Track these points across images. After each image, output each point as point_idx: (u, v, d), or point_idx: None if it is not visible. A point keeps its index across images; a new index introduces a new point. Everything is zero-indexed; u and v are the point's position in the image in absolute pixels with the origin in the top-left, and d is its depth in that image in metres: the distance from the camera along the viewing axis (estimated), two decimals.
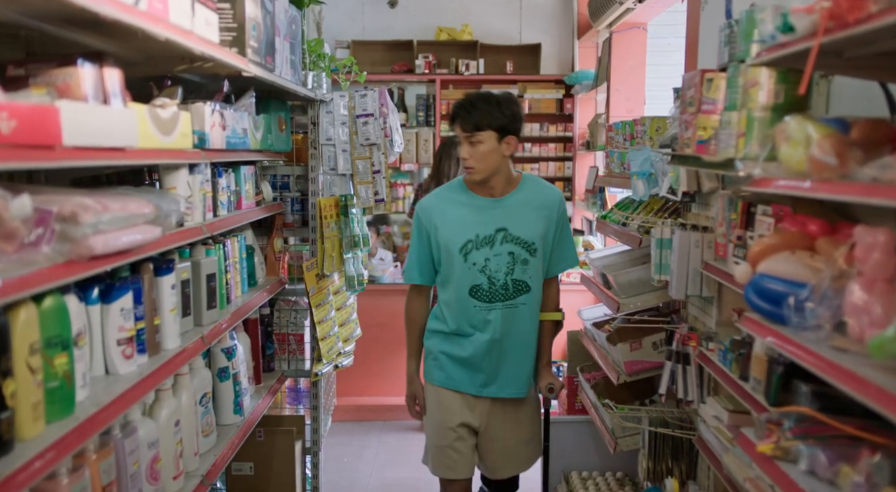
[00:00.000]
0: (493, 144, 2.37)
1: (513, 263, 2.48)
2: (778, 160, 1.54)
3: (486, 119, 2.35)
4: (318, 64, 2.99)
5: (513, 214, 2.48)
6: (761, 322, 1.63)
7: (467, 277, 2.45)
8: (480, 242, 2.45)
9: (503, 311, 2.50)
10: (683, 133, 2.18)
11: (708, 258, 2.32)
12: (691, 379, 2.42)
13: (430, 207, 2.50)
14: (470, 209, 2.46)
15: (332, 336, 2.89)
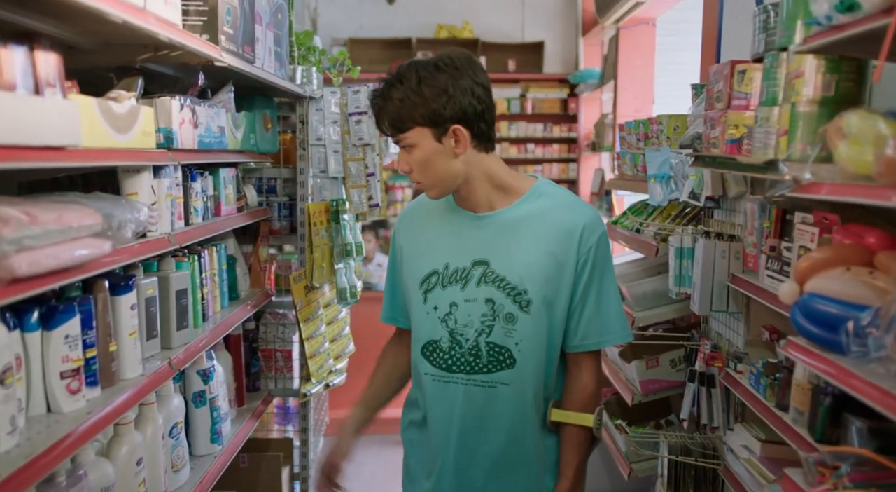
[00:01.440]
0: (429, 144, 1.54)
1: (491, 317, 1.61)
2: (833, 162, 1.32)
3: (407, 111, 1.52)
4: (307, 58, 2.76)
5: (501, 239, 1.62)
6: (812, 349, 1.40)
7: (423, 327, 1.65)
8: (449, 277, 1.62)
9: (467, 389, 1.62)
10: (709, 132, 1.96)
11: (735, 270, 2.10)
12: (717, 404, 2.19)
13: (403, 219, 1.77)
14: (446, 227, 1.66)
15: (323, 353, 2.66)
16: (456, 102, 1.52)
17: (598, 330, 1.68)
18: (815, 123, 1.48)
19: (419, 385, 1.70)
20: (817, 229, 1.63)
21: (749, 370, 1.96)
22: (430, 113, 1.52)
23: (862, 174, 1.24)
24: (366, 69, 4.24)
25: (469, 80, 1.55)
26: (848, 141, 1.28)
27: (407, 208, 1.78)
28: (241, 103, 2.44)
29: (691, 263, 2.31)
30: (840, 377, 1.28)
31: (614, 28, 5.05)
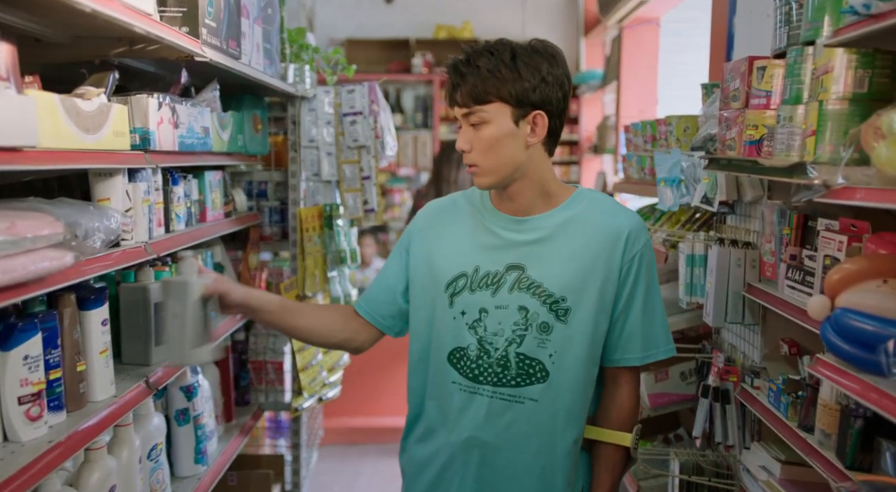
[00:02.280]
0: (505, 123, 1.42)
1: (523, 325, 1.49)
2: (868, 164, 1.20)
3: (493, 83, 1.40)
4: (300, 56, 2.64)
5: (539, 244, 1.50)
6: (845, 369, 1.28)
7: (449, 333, 1.52)
8: (479, 281, 1.51)
9: (491, 401, 1.50)
10: (725, 133, 1.84)
11: (751, 279, 1.98)
12: (732, 421, 2.07)
13: (427, 216, 1.62)
14: (476, 228, 1.55)
15: (315, 365, 2.54)
16: (547, 89, 1.43)
17: (643, 344, 1.56)
18: (846, 123, 1.37)
19: (440, 397, 1.55)
20: (845, 238, 1.50)
21: (768, 386, 1.84)
22: (520, 91, 1.41)
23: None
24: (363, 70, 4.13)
25: (562, 72, 1.46)
26: (888, 141, 1.16)
27: (432, 205, 1.65)
28: (229, 103, 2.32)
29: (703, 271, 2.19)
30: (880, 402, 1.16)
31: (617, 28, 4.94)
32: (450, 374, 1.53)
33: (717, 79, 2.83)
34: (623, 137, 4.18)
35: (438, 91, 6.14)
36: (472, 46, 1.46)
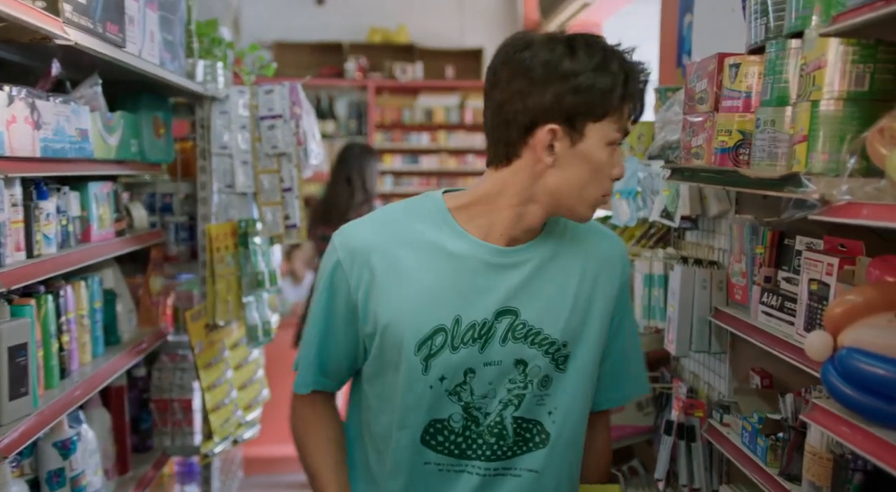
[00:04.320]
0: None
1: (522, 384, 1.23)
2: (872, 175, 0.99)
3: None
4: (212, 51, 2.33)
5: (533, 281, 1.23)
6: (852, 422, 1.06)
7: (423, 405, 1.22)
8: (463, 336, 1.20)
9: (483, 480, 1.24)
10: (690, 140, 1.62)
11: (719, 303, 1.77)
12: (698, 461, 1.85)
13: (369, 248, 1.21)
14: (448, 263, 1.21)
15: (229, 404, 2.22)
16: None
17: (629, 382, 1.40)
18: (843, 127, 1.16)
19: (410, 479, 1.24)
20: (836, 260, 1.30)
21: (740, 425, 1.63)
22: None
23: None
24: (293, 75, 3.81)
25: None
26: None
27: (366, 232, 1.23)
28: (124, 103, 2.00)
29: (662, 292, 1.99)
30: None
31: None
32: (424, 454, 1.24)
33: (669, 82, 2.67)
34: None
35: (373, 97, 5.88)
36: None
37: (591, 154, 1.15)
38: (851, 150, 1.08)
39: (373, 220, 1.27)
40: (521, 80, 1.14)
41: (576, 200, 1.19)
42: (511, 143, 1.17)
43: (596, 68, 1.13)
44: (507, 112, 1.16)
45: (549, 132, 1.14)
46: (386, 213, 1.28)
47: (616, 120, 1.16)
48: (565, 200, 1.19)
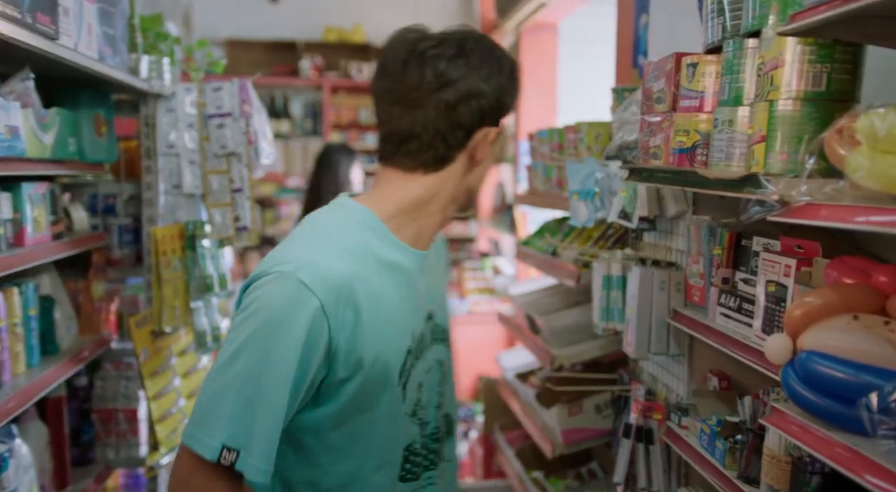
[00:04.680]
0: None
1: (441, 381, 1.24)
2: (846, 177, 0.98)
3: None
4: (157, 47, 2.24)
5: (433, 281, 1.26)
6: (811, 427, 1.05)
7: (402, 434, 1.17)
8: (417, 350, 1.18)
9: (435, 489, 1.23)
10: (648, 140, 1.61)
11: (677, 305, 1.76)
12: (656, 463, 1.84)
13: (351, 280, 1.06)
14: (404, 279, 1.16)
15: (176, 413, 2.13)
16: None
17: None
18: (800, 126, 1.15)
19: None
20: (794, 261, 1.29)
21: (699, 427, 1.62)
22: None
23: (892, 194, 0.90)
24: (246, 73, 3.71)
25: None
26: (866, 148, 0.94)
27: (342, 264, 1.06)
28: (62, 100, 1.90)
29: (620, 293, 1.97)
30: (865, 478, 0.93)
31: (514, 34, 4.77)
32: (398, 489, 1.17)
33: (625, 83, 2.67)
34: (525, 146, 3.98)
35: (329, 96, 5.79)
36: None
37: (494, 149, 1.20)
38: (810, 150, 1.06)
39: (328, 245, 1.08)
40: (474, 83, 1.12)
41: (478, 193, 1.25)
42: (453, 146, 1.14)
43: (513, 74, 1.19)
44: (460, 113, 1.12)
45: (490, 131, 1.15)
46: (330, 233, 1.11)
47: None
48: (473, 195, 1.23)
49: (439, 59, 1.12)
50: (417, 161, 1.14)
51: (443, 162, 1.14)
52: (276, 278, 1.03)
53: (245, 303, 1.05)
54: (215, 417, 1.00)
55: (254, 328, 1.02)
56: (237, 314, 1.06)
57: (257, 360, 1.01)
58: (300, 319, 1.01)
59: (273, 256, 1.08)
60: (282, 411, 1.02)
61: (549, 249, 2.48)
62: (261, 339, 1.01)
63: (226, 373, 1.01)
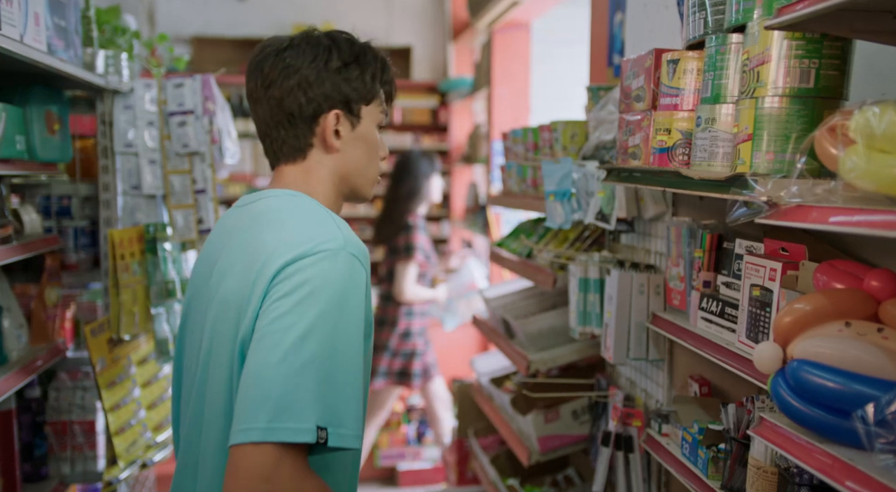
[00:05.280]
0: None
1: None
2: (838, 177, 0.93)
3: None
4: (114, 41, 2.14)
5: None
6: (806, 439, 1.00)
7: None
8: None
9: None
10: (627, 139, 1.56)
11: (656, 308, 1.72)
12: (636, 472, 1.79)
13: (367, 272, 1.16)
14: None
15: (136, 426, 2.03)
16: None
17: None
18: (788, 124, 1.11)
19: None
20: (779, 265, 1.25)
21: (680, 435, 1.57)
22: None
23: (889, 196, 0.86)
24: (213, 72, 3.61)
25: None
26: (861, 147, 0.89)
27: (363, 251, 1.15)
28: (12, 96, 1.80)
29: (598, 297, 1.92)
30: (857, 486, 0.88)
31: (486, 33, 4.71)
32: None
33: (600, 82, 2.62)
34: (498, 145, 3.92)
35: None
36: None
37: (367, 135, 1.26)
38: (801, 150, 1.02)
39: (337, 223, 1.16)
40: (297, 76, 1.20)
41: (363, 180, 1.28)
42: (300, 135, 1.22)
43: (360, 58, 1.24)
44: (289, 106, 1.20)
45: (334, 116, 1.21)
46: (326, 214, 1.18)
47: (379, 103, 1.28)
48: (355, 181, 1.27)
49: (266, 60, 1.21)
50: (281, 155, 1.24)
51: (298, 152, 1.23)
52: (329, 256, 1.08)
53: (293, 284, 1.05)
54: (300, 401, 1.00)
55: (321, 307, 1.04)
56: (283, 298, 1.05)
57: (331, 336, 1.04)
58: (359, 291, 1.09)
59: (302, 237, 1.10)
60: (360, 376, 1.08)
61: (523, 251, 2.43)
62: (330, 316, 1.04)
63: (297, 355, 1.01)
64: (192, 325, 1.24)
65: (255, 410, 0.99)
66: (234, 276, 1.13)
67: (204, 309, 1.19)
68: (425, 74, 5.99)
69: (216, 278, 1.17)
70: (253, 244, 1.13)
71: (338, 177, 1.25)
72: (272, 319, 1.03)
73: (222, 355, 1.12)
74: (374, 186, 1.31)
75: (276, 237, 1.11)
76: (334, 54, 1.22)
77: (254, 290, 1.08)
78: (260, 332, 1.04)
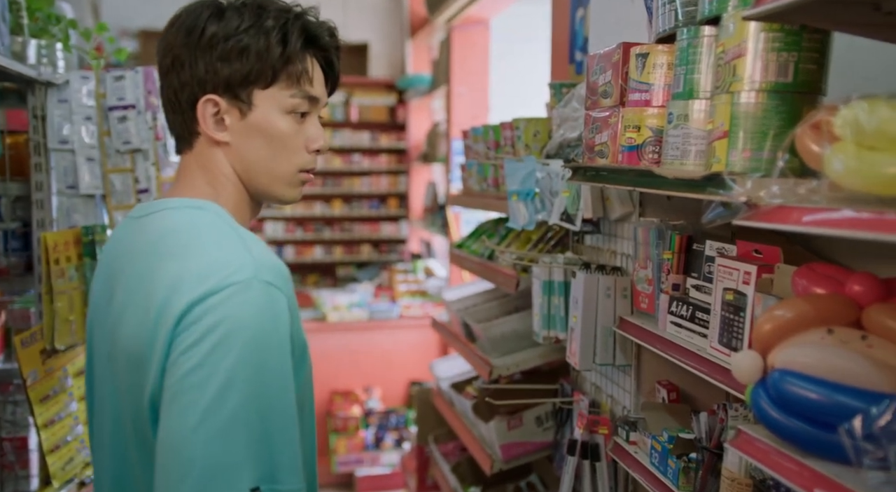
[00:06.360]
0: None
1: None
2: (822, 176, 0.87)
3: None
4: (47, 30, 1.99)
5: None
6: (787, 453, 0.94)
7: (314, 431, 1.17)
8: None
9: None
10: (593, 136, 1.49)
11: (623, 312, 1.66)
12: (602, 482, 1.73)
13: (290, 290, 1.01)
14: None
15: (73, 442, 1.90)
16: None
17: None
18: (765, 121, 1.05)
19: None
20: (754, 268, 1.20)
21: (649, 443, 1.52)
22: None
23: (879, 196, 0.80)
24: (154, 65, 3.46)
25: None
26: (847, 145, 0.84)
27: (280, 268, 0.99)
28: None
29: (562, 300, 1.86)
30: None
31: (445, 30, 4.64)
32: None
33: (561, 78, 2.57)
34: (458, 144, 3.85)
35: None
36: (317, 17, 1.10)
37: (267, 124, 1.05)
38: (782, 147, 0.96)
39: (245, 241, 0.99)
40: (171, 56, 1.03)
41: (268, 179, 1.08)
42: (185, 123, 1.06)
43: (248, 29, 1.02)
44: (166, 90, 1.06)
45: (208, 104, 1.03)
46: (226, 234, 1.00)
47: (289, 85, 1.05)
48: (257, 180, 1.08)
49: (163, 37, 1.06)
50: (177, 144, 1.10)
51: (185, 143, 1.08)
52: (240, 289, 0.91)
53: (202, 329, 0.89)
54: (229, 466, 0.87)
55: (238, 352, 0.89)
56: (192, 347, 0.89)
57: (254, 384, 0.89)
58: (281, 323, 0.94)
59: (206, 269, 0.93)
60: (294, 418, 0.94)
61: (485, 252, 2.36)
62: (250, 361, 0.89)
63: (218, 413, 0.87)
64: (98, 360, 1.08)
65: (178, 485, 0.85)
66: (130, 319, 0.96)
67: (107, 345, 1.02)
68: (383, 71, 5.89)
69: (115, 314, 1.00)
70: (149, 278, 0.96)
71: (238, 174, 1.07)
72: (183, 375, 0.88)
73: (130, 414, 0.97)
74: (289, 185, 1.10)
75: (176, 270, 0.93)
76: (211, 27, 1.01)
77: (155, 339, 0.91)
78: (170, 391, 0.88)
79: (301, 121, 1.08)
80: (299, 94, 1.06)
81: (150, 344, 0.91)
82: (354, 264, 6.12)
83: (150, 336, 0.92)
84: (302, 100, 1.06)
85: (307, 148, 1.09)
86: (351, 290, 4.96)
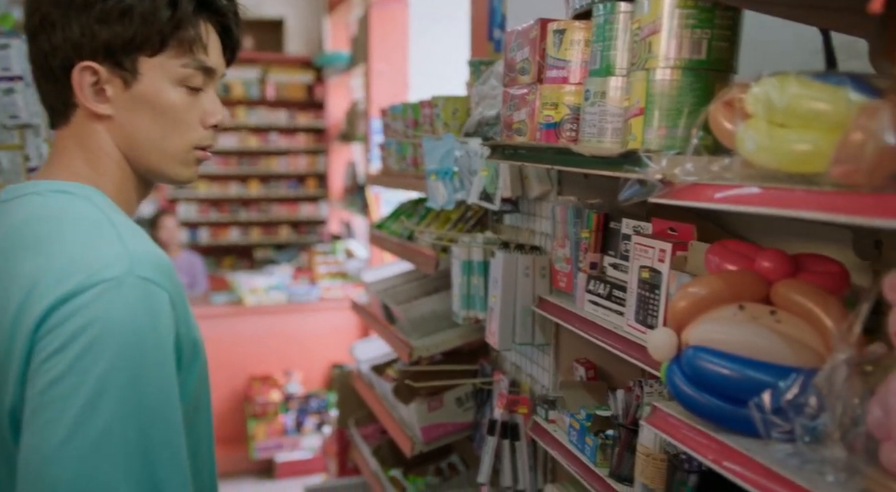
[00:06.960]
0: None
1: None
2: (734, 154, 0.87)
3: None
4: None
5: None
6: (701, 429, 0.95)
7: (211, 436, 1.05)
8: None
9: None
10: (511, 114, 1.47)
11: (542, 291, 1.66)
12: (522, 460, 1.74)
13: (176, 287, 0.90)
14: None
15: None
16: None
17: None
18: (679, 98, 1.05)
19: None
20: (669, 245, 1.21)
21: (567, 422, 1.52)
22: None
23: (789, 173, 0.81)
24: None
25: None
26: (757, 121, 0.84)
27: (163, 259, 0.89)
28: None
29: (482, 280, 1.84)
30: (755, 479, 0.84)
31: (363, 6, 4.54)
32: None
33: (481, 56, 2.54)
34: (377, 123, 3.78)
35: None
36: None
37: (155, 96, 0.95)
38: (696, 124, 0.96)
39: (116, 235, 0.88)
40: (39, 14, 0.92)
41: (158, 157, 0.98)
42: (58, 93, 0.95)
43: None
44: (36, 54, 0.95)
45: (84, 71, 0.92)
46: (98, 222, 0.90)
47: (181, 53, 0.95)
48: (146, 158, 0.98)
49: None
50: (50, 116, 0.99)
51: (60, 116, 0.97)
52: (111, 287, 0.81)
53: (68, 333, 0.79)
54: (102, 486, 0.77)
55: (110, 357, 0.79)
56: (57, 354, 0.78)
57: (130, 391, 0.80)
58: (162, 323, 0.84)
59: (72, 264, 0.83)
60: (179, 426, 0.85)
61: (404, 232, 2.32)
62: (124, 366, 0.80)
63: (88, 427, 0.77)
64: None
65: None
66: None
67: None
68: (299, 48, 5.73)
69: None
70: (7, 275, 0.85)
71: (123, 151, 0.97)
72: (46, 386, 0.77)
73: None
74: (183, 164, 1.00)
75: (34, 267, 0.83)
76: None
77: (12, 345, 0.81)
78: (32, 403, 0.77)
79: (195, 93, 0.98)
80: (192, 64, 0.96)
81: (7, 351, 0.81)
82: (272, 246, 5.97)
83: (6, 344, 0.82)
84: (195, 71, 0.97)
85: (203, 123, 1.00)
86: (269, 272, 4.84)
